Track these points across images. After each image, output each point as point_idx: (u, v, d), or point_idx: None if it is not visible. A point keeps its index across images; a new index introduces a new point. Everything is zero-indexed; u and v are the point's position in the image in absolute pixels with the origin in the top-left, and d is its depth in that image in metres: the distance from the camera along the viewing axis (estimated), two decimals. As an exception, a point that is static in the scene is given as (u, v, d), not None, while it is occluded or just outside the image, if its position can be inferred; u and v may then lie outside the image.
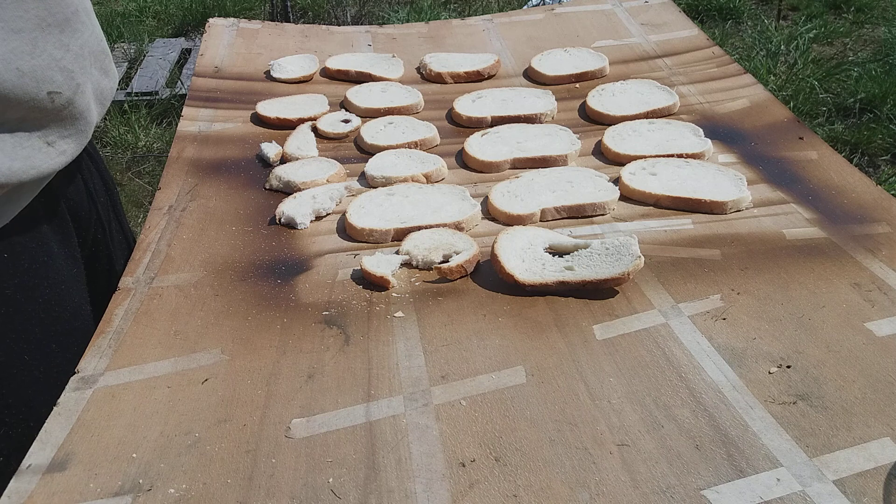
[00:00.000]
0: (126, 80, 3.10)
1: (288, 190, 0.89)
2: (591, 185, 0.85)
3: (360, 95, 1.09)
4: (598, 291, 0.71)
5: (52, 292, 0.68)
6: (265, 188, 0.90)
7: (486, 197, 0.86)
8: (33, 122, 0.57)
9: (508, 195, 0.85)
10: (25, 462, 0.54)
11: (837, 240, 0.76)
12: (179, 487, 0.53)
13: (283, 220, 0.83)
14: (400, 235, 0.79)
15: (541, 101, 1.06)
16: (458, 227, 0.80)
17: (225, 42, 1.25)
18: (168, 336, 0.67)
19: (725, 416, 0.57)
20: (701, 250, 0.76)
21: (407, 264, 0.76)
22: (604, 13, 1.32)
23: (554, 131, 0.98)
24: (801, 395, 0.58)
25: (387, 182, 0.89)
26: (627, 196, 0.85)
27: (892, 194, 0.83)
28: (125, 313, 0.69)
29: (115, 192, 0.89)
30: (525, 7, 3.01)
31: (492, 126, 1.01)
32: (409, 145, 0.97)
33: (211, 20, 1.31)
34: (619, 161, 0.92)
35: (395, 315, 0.69)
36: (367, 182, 0.90)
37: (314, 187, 0.88)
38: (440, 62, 1.17)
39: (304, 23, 3.25)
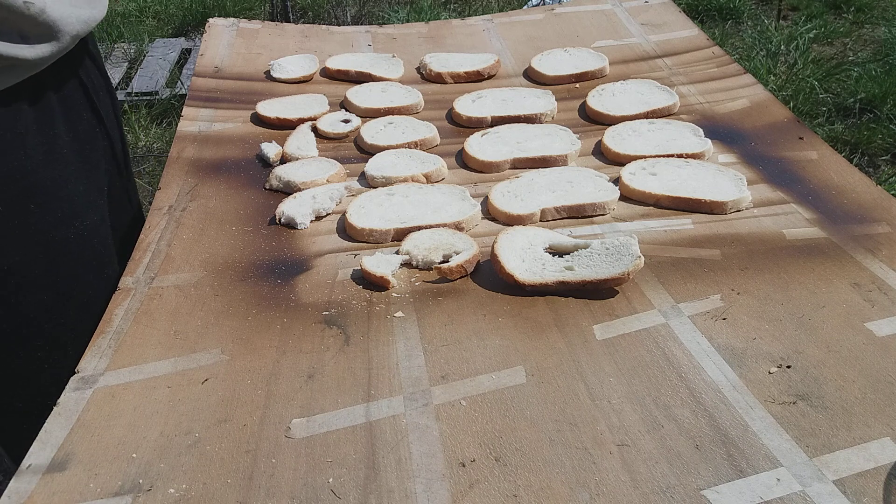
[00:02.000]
0: (126, 80, 3.10)
1: (288, 190, 0.89)
2: (591, 185, 0.85)
3: (360, 95, 1.09)
4: (598, 291, 0.71)
5: (24, 163, 0.72)
6: (265, 188, 0.90)
7: (486, 197, 0.85)
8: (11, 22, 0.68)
9: (508, 195, 0.85)
10: (25, 462, 0.54)
11: (837, 240, 0.76)
12: (179, 487, 0.53)
13: (283, 220, 0.83)
14: (400, 235, 0.79)
15: (541, 101, 1.06)
16: (458, 227, 0.80)
17: (225, 42, 1.25)
18: (168, 336, 0.67)
19: (725, 416, 0.57)
20: (701, 250, 0.76)
21: (407, 264, 0.76)
22: (604, 13, 1.32)
23: (554, 131, 0.98)
24: (801, 395, 0.58)
25: (387, 182, 0.89)
26: (627, 196, 0.85)
27: (892, 194, 0.83)
28: (125, 313, 0.69)
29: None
30: (525, 7, 3.01)
31: (492, 126, 1.01)
32: (409, 145, 0.97)
33: (211, 20, 1.31)
34: (619, 161, 0.92)
35: (395, 315, 0.69)
36: (367, 182, 0.90)
37: (314, 187, 0.88)
38: (440, 62, 1.17)
39: (304, 23, 3.25)
